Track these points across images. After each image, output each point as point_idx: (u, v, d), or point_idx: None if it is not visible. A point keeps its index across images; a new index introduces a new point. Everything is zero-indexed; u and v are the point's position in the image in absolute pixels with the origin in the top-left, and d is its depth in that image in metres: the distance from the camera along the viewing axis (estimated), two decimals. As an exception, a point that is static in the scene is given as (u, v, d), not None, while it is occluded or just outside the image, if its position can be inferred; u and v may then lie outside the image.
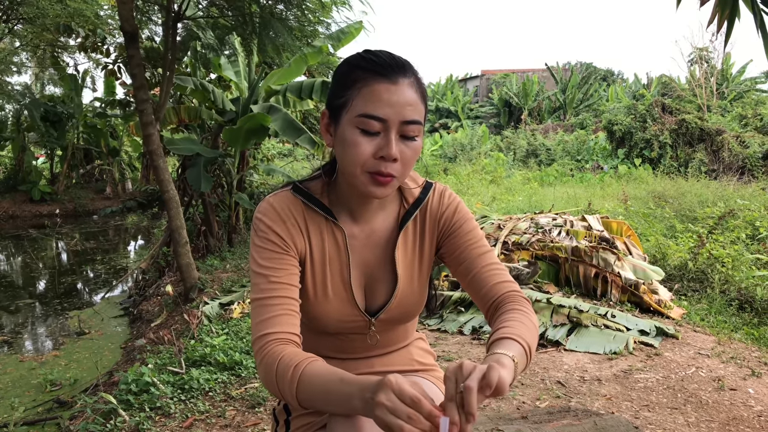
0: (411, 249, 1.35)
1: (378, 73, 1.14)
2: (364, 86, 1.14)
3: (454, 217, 1.35)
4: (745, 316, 4.71)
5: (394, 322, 1.37)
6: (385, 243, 1.34)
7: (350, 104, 1.16)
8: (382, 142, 1.14)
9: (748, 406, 3.00)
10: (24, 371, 5.34)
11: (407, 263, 1.35)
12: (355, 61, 1.19)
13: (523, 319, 1.16)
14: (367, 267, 1.33)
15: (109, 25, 12.01)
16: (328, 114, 1.23)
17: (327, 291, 1.30)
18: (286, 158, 20.03)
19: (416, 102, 1.16)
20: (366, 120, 1.13)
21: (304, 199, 1.28)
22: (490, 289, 1.26)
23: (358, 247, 1.32)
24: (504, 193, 12.78)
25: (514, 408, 3.02)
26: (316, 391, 1.05)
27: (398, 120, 1.13)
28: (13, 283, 9.86)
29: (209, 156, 7.86)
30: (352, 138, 1.14)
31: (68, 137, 18.83)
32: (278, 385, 1.10)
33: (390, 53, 1.19)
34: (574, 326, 4.17)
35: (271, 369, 1.11)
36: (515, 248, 5.58)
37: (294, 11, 6.60)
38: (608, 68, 42.08)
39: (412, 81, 1.17)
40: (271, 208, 1.26)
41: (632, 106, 19.03)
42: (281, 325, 1.16)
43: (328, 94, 1.24)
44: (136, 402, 3.23)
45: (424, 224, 1.36)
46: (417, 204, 1.35)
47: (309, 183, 1.32)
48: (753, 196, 9.24)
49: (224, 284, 6.18)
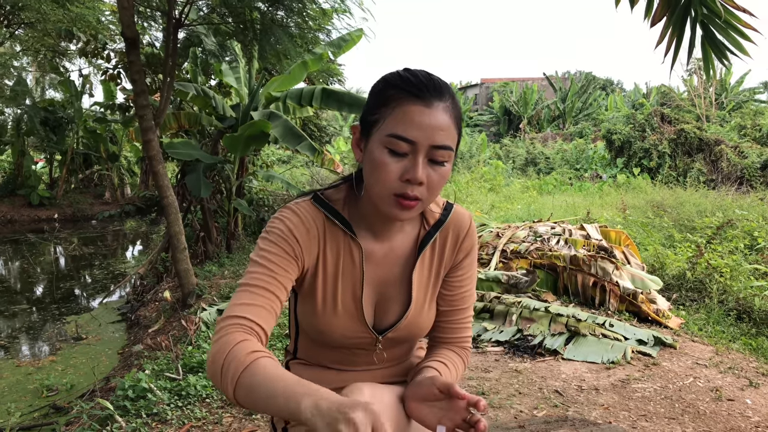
0: (427, 271, 1.35)
1: (413, 94, 1.12)
2: (397, 106, 1.12)
3: (468, 257, 1.38)
4: (743, 326, 4.71)
5: (401, 341, 1.37)
6: (402, 263, 1.32)
7: (382, 123, 1.14)
8: (408, 165, 1.12)
9: (745, 417, 2.99)
10: (20, 376, 5.32)
11: (422, 285, 1.34)
12: (392, 80, 1.17)
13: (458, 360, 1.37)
14: (380, 285, 1.32)
15: (110, 30, 12.03)
16: (360, 129, 1.21)
17: (336, 305, 1.28)
18: (286, 165, 20.05)
19: (449, 127, 1.13)
20: (395, 140, 1.11)
21: (326, 212, 1.26)
22: (449, 337, 1.40)
23: (374, 264, 1.30)
24: (503, 201, 12.80)
25: (512, 417, 3.01)
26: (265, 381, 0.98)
27: (428, 144, 1.11)
28: (11, 288, 9.84)
29: (208, 162, 7.87)
30: (380, 158, 1.12)
31: (68, 142, 18.83)
32: (223, 366, 1.03)
33: (428, 74, 1.17)
34: (572, 335, 4.17)
35: (223, 348, 1.05)
36: (514, 257, 5.58)
37: (295, 18, 6.62)
38: (607, 77, 42.31)
39: (448, 105, 1.14)
40: (295, 216, 1.23)
41: (631, 116, 19.10)
42: (256, 316, 1.12)
43: (363, 109, 1.21)
44: (133, 408, 3.21)
45: (443, 247, 1.35)
46: (437, 226, 1.33)
47: (331, 193, 1.30)
48: (751, 207, 9.25)
49: (222, 290, 6.17)
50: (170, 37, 6.22)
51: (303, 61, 7.98)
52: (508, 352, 4.07)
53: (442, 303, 1.39)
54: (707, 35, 2.64)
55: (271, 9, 6.47)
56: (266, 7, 6.47)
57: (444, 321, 1.39)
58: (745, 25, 2.51)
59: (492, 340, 4.26)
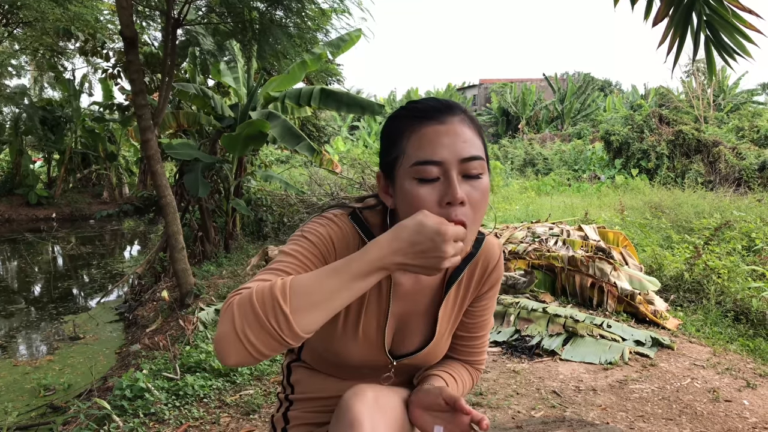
0: (452, 305, 1.32)
1: (425, 118, 1.08)
2: (412, 133, 1.08)
3: (492, 290, 1.36)
4: (740, 327, 4.72)
5: (415, 367, 1.35)
6: (430, 296, 1.28)
7: (403, 157, 1.08)
8: (443, 188, 1.04)
9: (743, 418, 3.00)
10: (18, 376, 5.31)
11: (446, 318, 1.31)
12: (399, 114, 1.14)
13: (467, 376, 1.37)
14: (404, 316, 1.28)
15: (109, 29, 12.03)
16: (384, 175, 1.16)
17: (357, 332, 1.24)
18: (284, 165, 20.03)
19: (472, 137, 1.08)
20: (421, 168, 1.05)
21: (362, 233, 1.20)
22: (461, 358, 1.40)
23: (401, 295, 1.25)
24: (501, 202, 12.81)
25: (509, 417, 3.01)
26: (319, 280, 0.94)
27: (456, 159, 1.05)
28: (8, 287, 9.82)
29: (207, 161, 7.87)
30: (411, 190, 1.05)
31: (66, 141, 18.83)
32: (260, 305, 0.92)
33: (434, 98, 1.14)
34: (570, 336, 4.17)
35: (247, 298, 0.94)
36: (512, 257, 5.58)
37: (294, 18, 6.62)
38: (606, 78, 42.34)
39: (463, 117, 1.10)
40: (337, 227, 1.17)
41: (629, 117, 19.13)
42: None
43: (380, 156, 1.17)
44: (130, 408, 3.21)
45: (470, 280, 1.31)
46: (467, 260, 1.28)
47: (368, 215, 1.23)
48: (749, 208, 9.27)
49: (220, 290, 6.17)
50: (169, 37, 6.22)
51: (302, 61, 7.98)
52: (506, 353, 4.07)
53: (460, 328, 1.38)
54: (711, 35, 2.63)
55: (270, 9, 6.47)
56: (265, 7, 6.47)
57: (460, 344, 1.39)
58: (749, 26, 2.50)
59: (490, 341, 4.27)
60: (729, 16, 2.47)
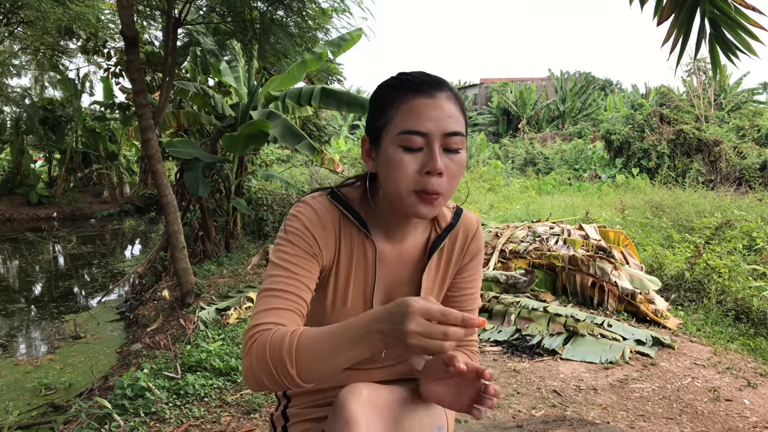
0: (434, 273, 1.37)
1: (415, 90, 1.14)
2: (402, 104, 1.14)
3: (474, 261, 1.40)
4: (741, 326, 4.72)
5: None
6: (412, 264, 1.34)
7: (390, 124, 1.15)
8: (426, 158, 1.13)
9: (743, 417, 3.00)
10: (19, 375, 5.31)
11: (430, 287, 1.36)
12: (391, 83, 1.20)
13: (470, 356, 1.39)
14: (389, 286, 1.33)
15: (110, 29, 12.03)
16: (369, 139, 1.22)
17: (346, 303, 1.29)
18: (285, 164, 20.03)
19: (456, 114, 1.16)
20: (408, 136, 1.12)
21: (342, 208, 1.27)
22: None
23: (386, 265, 1.31)
24: (502, 201, 12.80)
25: (510, 416, 3.01)
26: (319, 347, 1.01)
27: (440, 132, 1.13)
28: (9, 287, 9.83)
29: (208, 161, 7.87)
30: (396, 156, 1.13)
31: (67, 140, 18.83)
32: (272, 361, 1.04)
33: (424, 72, 1.20)
34: (571, 335, 4.17)
35: (262, 347, 1.06)
36: (512, 256, 5.59)
37: (294, 17, 6.62)
38: (607, 78, 42.27)
39: (449, 94, 1.17)
40: (311, 211, 1.24)
41: (630, 116, 19.11)
42: (285, 319, 1.13)
43: (367, 120, 1.24)
44: (131, 407, 3.21)
45: (451, 252, 1.37)
46: (448, 229, 1.35)
47: (348, 191, 1.30)
48: (750, 207, 9.26)
49: (221, 290, 6.17)
50: (170, 36, 6.22)
51: (302, 60, 7.97)
52: (507, 352, 4.07)
53: (444, 300, 1.41)
54: (716, 33, 2.62)
55: (270, 8, 6.47)
56: (266, 7, 6.47)
57: None
58: (754, 23, 2.49)
59: (490, 340, 4.27)
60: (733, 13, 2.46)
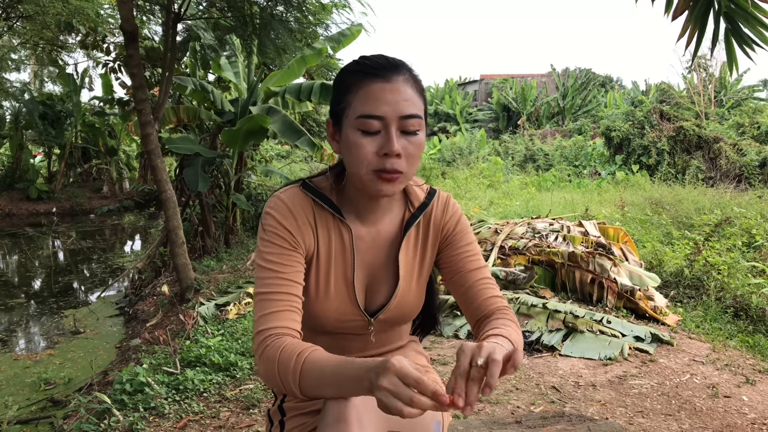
0: (413, 252, 1.38)
1: (372, 74, 1.18)
2: (359, 89, 1.18)
3: (456, 228, 1.40)
4: (740, 323, 4.72)
5: (392, 323, 1.40)
6: (389, 245, 1.37)
7: (349, 109, 1.19)
8: (383, 140, 1.16)
9: (742, 414, 3.00)
10: (18, 370, 5.32)
11: (409, 266, 1.38)
12: (350, 67, 1.23)
13: (512, 326, 1.24)
14: (370, 268, 1.36)
15: (110, 23, 12.00)
16: (332, 122, 1.26)
17: (329, 289, 1.32)
18: (284, 160, 20.03)
19: (412, 96, 1.18)
20: (365, 120, 1.16)
21: (314, 197, 1.30)
22: (481, 303, 1.33)
23: (363, 247, 1.34)
24: (501, 197, 12.79)
25: (509, 412, 3.02)
26: (323, 375, 1.05)
27: (396, 116, 1.16)
28: (9, 282, 9.83)
29: (207, 156, 7.86)
30: (354, 140, 1.17)
31: (66, 136, 18.80)
32: (280, 376, 1.10)
33: (383, 55, 1.23)
34: (570, 331, 4.18)
35: (272, 361, 1.11)
36: (512, 253, 5.58)
37: (294, 13, 6.60)
38: (607, 74, 42.19)
39: (407, 77, 1.19)
40: (282, 204, 1.27)
41: (630, 113, 19.08)
42: (284, 320, 1.18)
43: (330, 104, 1.27)
44: (131, 402, 3.22)
45: (427, 230, 1.39)
46: (422, 209, 1.38)
47: (318, 181, 1.34)
48: (749, 204, 9.26)
49: (220, 285, 6.17)
50: (169, 31, 6.20)
51: (302, 56, 7.96)
52: (506, 348, 4.07)
53: (449, 273, 1.39)
54: (732, 28, 2.61)
55: (270, 3, 6.45)
56: (266, 2, 6.45)
57: (464, 289, 1.36)
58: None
59: (490, 336, 4.27)
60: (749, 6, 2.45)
